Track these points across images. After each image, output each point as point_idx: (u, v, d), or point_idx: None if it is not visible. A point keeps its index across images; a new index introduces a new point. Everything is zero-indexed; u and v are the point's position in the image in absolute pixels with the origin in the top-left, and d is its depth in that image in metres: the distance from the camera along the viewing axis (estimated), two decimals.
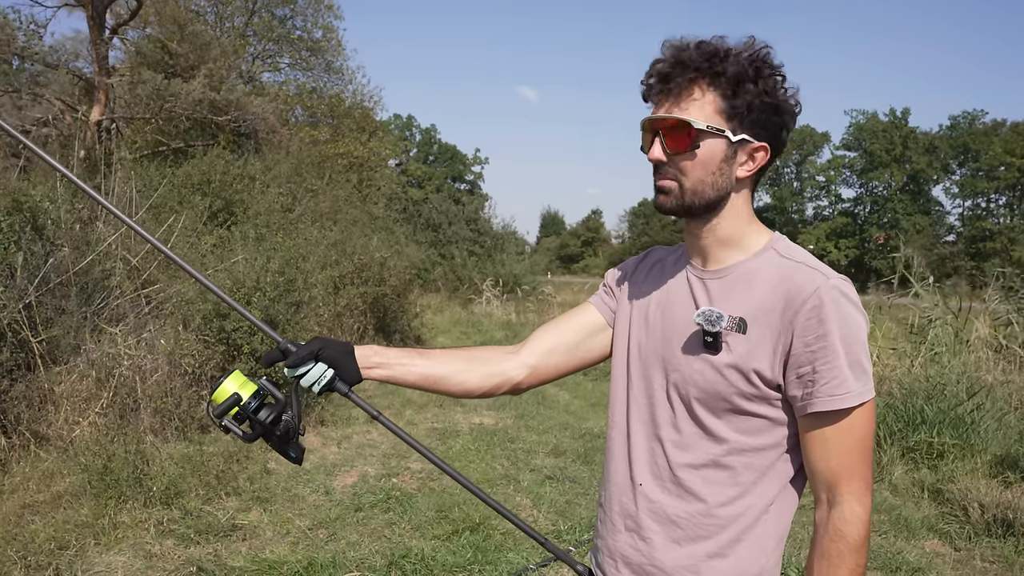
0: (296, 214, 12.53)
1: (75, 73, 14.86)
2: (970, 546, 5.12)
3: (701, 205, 1.49)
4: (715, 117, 1.45)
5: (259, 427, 1.59)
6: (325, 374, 1.64)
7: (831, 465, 1.42)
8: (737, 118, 1.45)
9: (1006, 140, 65.54)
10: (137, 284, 7.00)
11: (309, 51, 24.06)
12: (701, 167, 1.47)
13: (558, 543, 4.81)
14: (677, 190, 1.49)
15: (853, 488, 1.41)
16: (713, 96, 1.45)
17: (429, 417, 8.45)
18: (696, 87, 1.45)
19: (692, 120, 1.43)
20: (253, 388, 1.60)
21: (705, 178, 1.47)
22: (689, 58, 1.44)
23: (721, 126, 1.45)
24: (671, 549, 1.52)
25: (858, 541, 1.40)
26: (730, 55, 1.44)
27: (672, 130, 1.46)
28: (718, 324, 1.45)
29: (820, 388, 1.40)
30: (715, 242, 1.55)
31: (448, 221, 27.34)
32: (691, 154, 1.46)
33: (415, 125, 76.27)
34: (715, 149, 1.46)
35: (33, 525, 4.48)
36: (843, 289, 1.41)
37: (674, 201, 1.49)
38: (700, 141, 1.45)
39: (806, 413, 1.43)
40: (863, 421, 1.41)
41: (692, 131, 1.44)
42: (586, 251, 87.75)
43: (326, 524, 5.07)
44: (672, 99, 1.47)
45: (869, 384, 1.41)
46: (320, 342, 1.65)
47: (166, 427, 5.98)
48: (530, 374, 1.78)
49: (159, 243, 1.76)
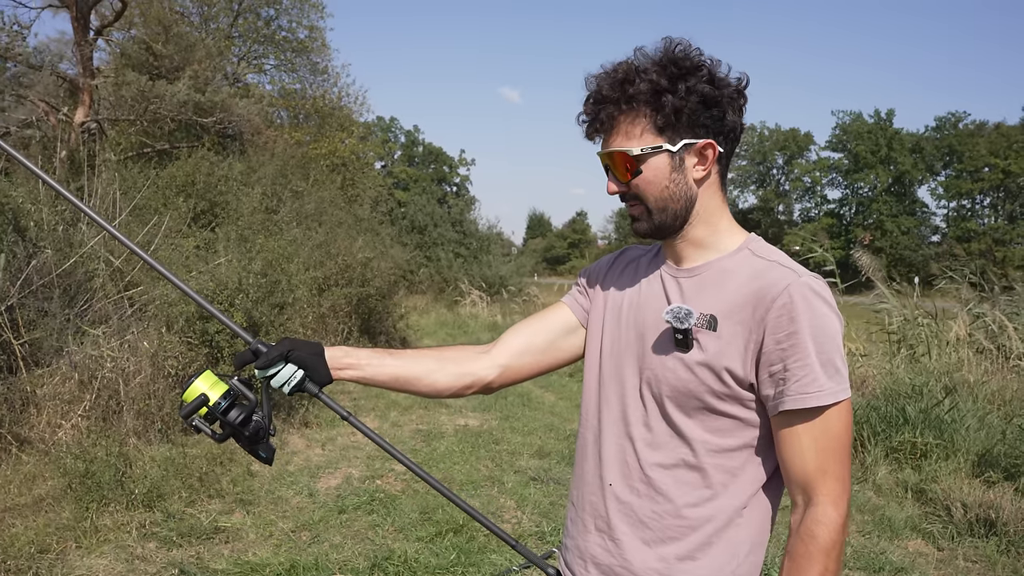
0: (281, 215, 12.48)
1: (59, 74, 14.76)
2: (953, 546, 5.15)
3: (670, 220, 1.53)
4: (646, 137, 1.48)
5: (228, 427, 1.60)
6: (295, 375, 1.64)
7: (805, 466, 1.41)
8: (669, 128, 1.47)
9: (990, 141, 65.97)
10: (120, 286, 6.96)
11: (294, 52, 23.98)
12: (653, 187, 1.50)
13: (541, 545, 4.82)
14: (645, 214, 1.53)
15: (828, 490, 1.39)
16: (637, 118, 1.48)
17: (414, 419, 8.44)
18: (620, 116, 1.49)
19: (626, 149, 1.48)
20: (224, 388, 1.61)
21: (661, 194, 1.50)
22: (604, 91, 1.49)
23: (656, 143, 1.48)
24: (640, 550, 1.51)
25: (828, 544, 1.38)
26: (640, 73, 1.47)
27: (615, 162, 1.51)
28: (687, 321, 1.45)
29: (791, 386, 1.39)
30: (688, 245, 1.56)
31: (433, 223, 27.32)
32: (640, 179, 1.50)
33: (397, 127, 76.04)
34: (659, 165, 1.49)
35: (14, 529, 4.46)
36: (814, 287, 1.41)
37: (646, 225, 1.55)
38: (641, 164, 1.49)
39: (778, 412, 1.42)
40: (838, 421, 1.40)
41: (629, 159, 1.48)
42: (572, 252, 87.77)
43: (309, 526, 5.06)
44: (606, 134, 1.53)
45: (844, 384, 1.40)
46: (289, 343, 1.65)
47: (149, 429, 5.95)
48: (501, 374, 1.78)
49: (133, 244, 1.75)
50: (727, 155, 1.54)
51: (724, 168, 1.56)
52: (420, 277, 23.65)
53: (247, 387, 1.64)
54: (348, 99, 24.84)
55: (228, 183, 12.00)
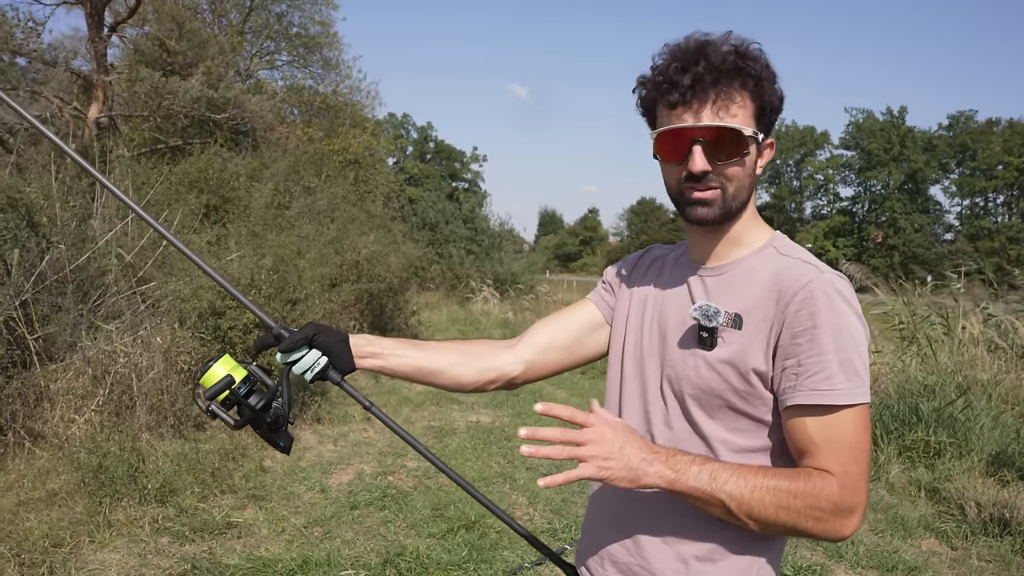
0: (293, 212, 12.50)
1: (73, 71, 14.83)
2: (967, 545, 5.12)
3: (738, 210, 1.49)
4: (752, 121, 1.43)
5: (248, 412, 1.56)
6: (319, 361, 1.62)
7: (816, 462, 1.36)
8: (762, 119, 1.45)
9: (1004, 139, 65.56)
10: (132, 282, 6.98)
11: (306, 47, 24.02)
12: (742, 173, 1.45)
13: (553, 542, 4.82)
14: (720, 200, 1.45)
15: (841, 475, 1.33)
16: (749, 100, 1.43)
17: (426, 415, 8.45)
18: (736, 92, 1.41)
19: (742, 128, 1.41)
20: (243, 373, 1.57)
21: (744, 182, 1.46)
22: (724, 61, 1.39)
23: (757, 130, 1.44)
24: (660, 549, 1.50)
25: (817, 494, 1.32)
26: (751, 55, 1.42)
27: (720, 138, 1.41)
28: (715, 319, 1.43)
29: (803, 381, 1.36)
30: (724, 240, 1.53)
31: (445, 220, 27.32)
32: (740, 161, 1.43)
33: (410, 123, 76.14)
34: (754, 153, 1.46)
35: (28, 522, 4.48)
36: (837, 285, 1.39)
37: (717, 211, 1.46)
38: (749, 147, 1.43)
39: (786, 406, 1.39)
40: (853, 424, 1.34)
41: (743, 139, 1.41)
42: (584, 250, 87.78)
43: (321, 522, 5.07)
44: (711, 105, 1.41)
45: (863, 388, 1.34)
46: (314, 328, 1.63)
47: (161, 424, 5.97)
48: (526, 370, 1.76)
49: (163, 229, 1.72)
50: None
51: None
52: (432, 274, 23.65)
53: (265, 373, 1.61)
54: (360, 95, 24.87)
55: (240, 179, 12.03)
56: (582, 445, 1.30)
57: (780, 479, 1.33)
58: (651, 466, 1.32)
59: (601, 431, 1.32)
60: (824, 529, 1.33)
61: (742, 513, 1.33)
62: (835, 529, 1.34)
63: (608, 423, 1.34)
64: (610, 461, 1.30)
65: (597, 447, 1.30)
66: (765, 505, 1.32)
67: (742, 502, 1.32)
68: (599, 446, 1.30)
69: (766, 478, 1.33)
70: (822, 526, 1.33)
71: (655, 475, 1.32)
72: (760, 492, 1.32)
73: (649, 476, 1.32)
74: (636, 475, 1.31)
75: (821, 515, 1.32)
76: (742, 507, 1.32)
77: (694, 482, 1.33)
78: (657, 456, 1.33)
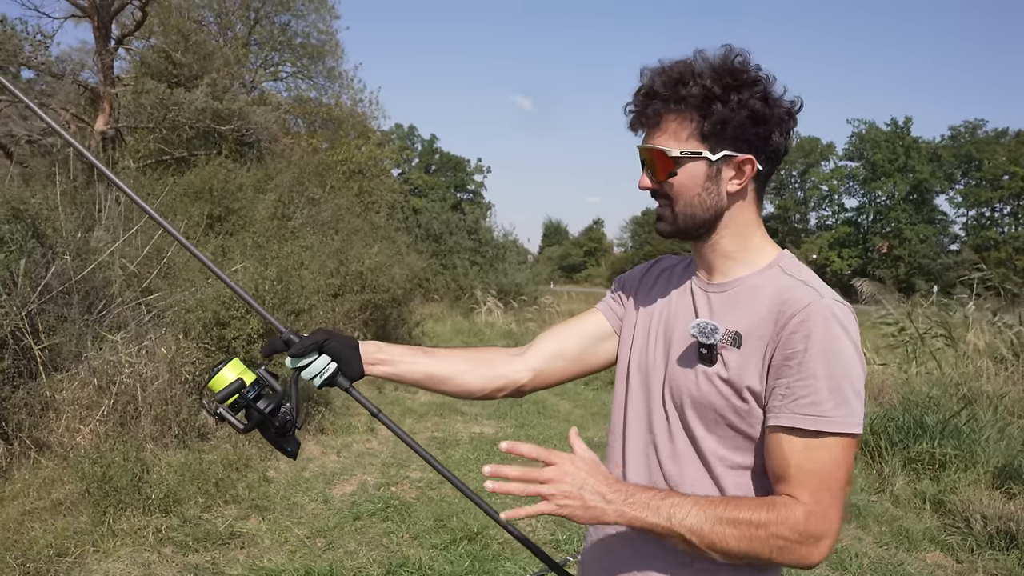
0: (297, 223, 12.53)
1: (81, 83, 14.91)
2: (972, 558, 5.09)
3: (695, 226, 1.52)
4: (690, 141, 1.46)
5: (256, 416, 1.56)
6: (328, 367, 1.63)
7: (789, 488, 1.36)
8: (713, 137, 1.45)
9: (1010, 149, 65.44)
10: (137, 292, 7.00)
11: (310, 58, 24.09)
12: (686, 190, 1.49)
13: (555, 553, 4.81)
14: (670, 215, 1.52)
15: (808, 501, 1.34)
16: (683, 120, 1.46)
17: (429, 426, 8.45)
18: (667, 115, 1.47)
19: (666, 149, 1.46)
20: (252, 377, 1.58)
21: (692, 200, 1.49)
22: (656, 87, 1.46)
23: (697, 148, 1.46)
24: (660, 558, 1.50)
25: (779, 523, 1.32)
26: (695, 77, 1.44)
27: (652, 159, 1.49)
28: (712, 336, 1.44)
29: (788, 404, 1.36)
30: (718, 256, 1.55)
31: (449, 231, 27.35)
32: (674, 180, 1.48)
33: (416, 135, 76.36)
34: (695, 171, 1.47)
35: (33, 532, 4.49)
36: (836, 311, 1.38)
37: (669, 226, 1.53)
38: (678, 168, 1.47)
39: (769, 424, 1.39)
40: (832, 453, 1.34)
41: (667, 159, 1.46)
42: (588, 261, 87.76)
43: (324, 532, 5.07)
44: (650, 129, 1.51)
45: (852, 417, 1.34)
46: (324, 334, 1.64)
47: (166, 435, 5.98)
48: (534, 377, 1.78)
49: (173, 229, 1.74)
50: (767, 174, 1.53)
51: (762, 186, 1.55)
52: (436, 285, 23.65)
53: (274, 378, 1.61)
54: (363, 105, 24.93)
55: (244, 190, 12.07)
56: (543, 483, 1.36)
57: (742, 510, 1.34)
58: (609, 504, 1.37)
59: (562, 469, 1.38)
60: (789, 558, 1.35)
61: (704, 546, 1.35)
62: (801, 556, 1.34)
63: (572, 461, 1.39)
64: (568, 500, 1.36)
65: (556, 486, 1.36)
66: (726, 537, 1.34)
67: (703, 536, 1.34)
68: (558, 485, 1.36)
69: (727, 510, 1.35)
70: (786, 555, 1.34)
71: (613, 512, 1.37)
72: (720, 525, 1.34)
73: (607, 515, 1.37)
74: (594, 514, 1.37)
75: (784, 544, 1.33)
76: (703, 540, 1.35)
77: (653, 519, 1.36)
78: (617, 494, 1.37)
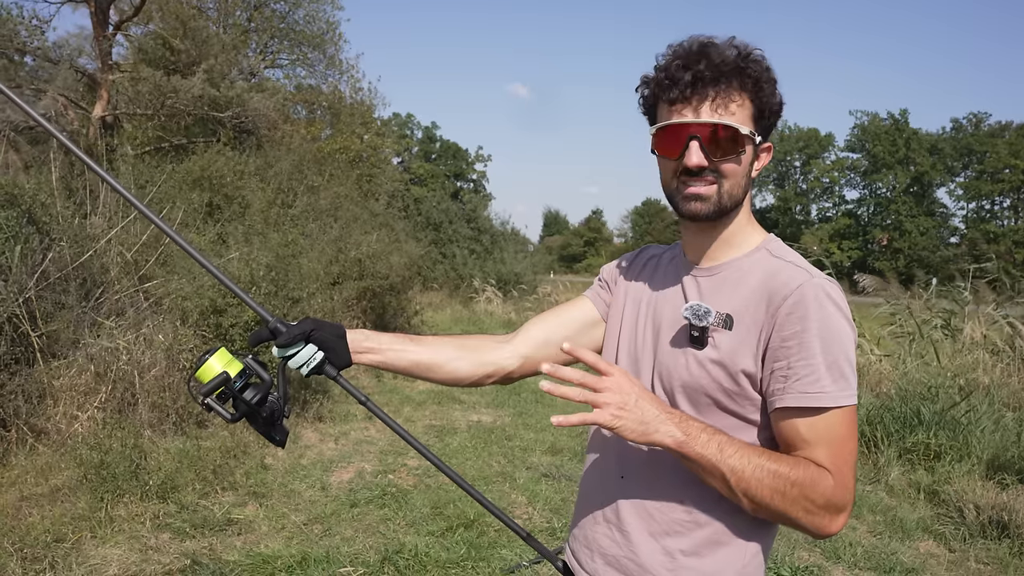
0: (297, 210, 12.51)
1: (78, 69, 14.86)
2: (965, 547, 5.12)
3: (731, 207, 1.50)
4: (750, 121, 1.46)
5: (244, 407, 1.56)
6: (315, 356, 1.62)
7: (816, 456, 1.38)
8: (760, 120, 1.47)
9: (1011, 143, 65.38)
10: (135, 279, 7.00)
11: (310, 46, 23.99)
12: (739, 171, 1.47)
13: (552, 541, 4.83)
14: (715, 195, 1.47)
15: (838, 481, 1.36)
16: (748, 101, 1.45)
17: (427, 414, 8.46)
18: (735, 91, 1.44)
19: (739, 126, 1.43)
20: (239, 367, 1.58)
21: (739, 180, 1.48)
22: (725, 61, 1.42)
23: (754, 130, 1.46)
24: (647, 542, 1.52)
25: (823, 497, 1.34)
26: (751, 57, 1.44)
27: (717, 135, 1.43)
28: (705, 319, 1.45)
29: (792, 384, 1.38)
30: (718, 240, 1.55)
31: (448, 219, 27.32)
32: (736, 159, 1.45)
33: (415, 123, 76.13)
34: (750, 153, 1.48)
35: (30, 518, 4.50)
36: (827, 289, 1.40)
37: (711, 207, 1.47)
38: (745, 146, 1.45)
39: (775, 408, 1.41)
40: (840, 425, 1.37)
41: (740, 137, 1.44)
42: (588, 251, 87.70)
43: (321, 519, 5.08)
44: (710, 103, 1.43)
45: (848, 390, 1.37)
46: (312, 323, 1.64)
47: (163, 421, 5.99)
48: (522, 364, 1.78)
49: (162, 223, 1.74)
50: None
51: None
52: (435, 273, 23.64)
53: (261, 367, 1.61)
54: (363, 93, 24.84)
55: (243, 178, 12.05)
56: (599, 392, 1.32)
57: (782, 464, 1.35)
58: (663, 424, 1.34)
59: (619, 381, 1.34)
60: (812, 522, 1.36)
61: (739, 490, 1.36)
62: (823, 524, 1.36)
63: (628, 376, 1.36)
64: (624, 411, 1.32)
65: (613, 395, 1.32)
66: (763, 486, 1.34)
67: (742, 478, 1.35)
68: (616, 395, 1.32)
69: (769, 461, 1.36)
70: (811, 518, 1.35)
71: (665, 433, 1.34)
72: (760, 473, 1.34)
73: (660, 433, 1.34)
74: (647, 429, 1.33)
75: (812, 507, 1.34)
76: (740, 483, 1.35)
77: (702, 449, 1.35)
78: (671, 416, 1.36)
